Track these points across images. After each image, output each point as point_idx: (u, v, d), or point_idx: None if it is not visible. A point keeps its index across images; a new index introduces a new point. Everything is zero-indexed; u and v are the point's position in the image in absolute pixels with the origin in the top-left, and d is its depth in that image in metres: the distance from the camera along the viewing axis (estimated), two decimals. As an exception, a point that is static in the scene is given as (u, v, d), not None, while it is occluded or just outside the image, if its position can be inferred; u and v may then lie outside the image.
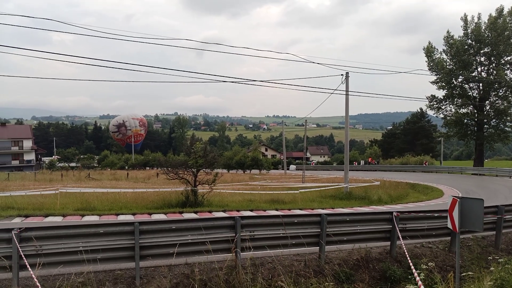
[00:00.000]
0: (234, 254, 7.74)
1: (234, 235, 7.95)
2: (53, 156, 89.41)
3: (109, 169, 66.84)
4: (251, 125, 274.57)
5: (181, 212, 16.28)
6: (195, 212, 16.27)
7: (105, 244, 7.20)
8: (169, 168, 19.35)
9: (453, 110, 50.65)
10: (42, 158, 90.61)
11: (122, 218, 14.76)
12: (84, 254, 6.92)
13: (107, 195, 19.26)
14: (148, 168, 69.31)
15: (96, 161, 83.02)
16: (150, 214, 15.75)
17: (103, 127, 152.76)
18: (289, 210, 17.56)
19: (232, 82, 18.92)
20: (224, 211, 16.68)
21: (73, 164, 77.47)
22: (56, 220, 14.14)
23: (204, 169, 19.22)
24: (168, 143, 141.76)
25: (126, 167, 69.73)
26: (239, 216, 8.17)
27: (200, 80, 61.73)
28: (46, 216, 14.74)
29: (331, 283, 6.88)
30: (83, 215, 15.03)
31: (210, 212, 16.45)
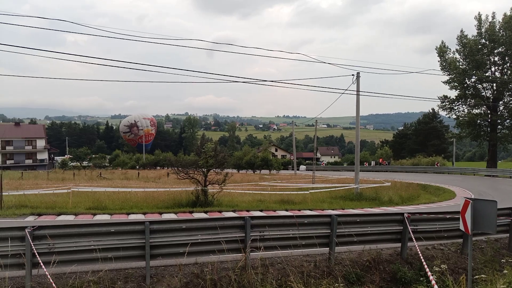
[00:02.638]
0: (244, 254, 7.74)
1: (244, 235, 7.96)
2: (66, 156, 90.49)
3: (120, 169, 67.40)
4: (261, 125, 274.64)
5: (191, 212, 16.35)
6: (205, 212, 16.32)
7: (116, 243, 7.26)
8: (180, 168, 19.44)
9: (465, 110, 50.08)
10: (55, 157, 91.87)
11: (133, 217, 14.88)
12: (96, 252, 6.99)
13: (118, 195, 19.42)
14: (158, 167, 69.72)
15: (107, 161, 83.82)
16: (160, 213, 15.84)
17: (114, 127, 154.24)
18: (299, 210, 17.51)
19: (243, 82, 18.95)
20: (234, 211, 16.70)
21: (85, 164, 78.32)
22: (68, 218, 14.31)
23: (214, 169, 19.27)
24: (178, 143, 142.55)
25: (137, 167, 70.25)
26: (249, 216, 8.17)
27: (211, 80, 61.91)
28: (59, 214, 14.92)
29: (341, 284, 6.84)
30: (94, 214, 15.18)
31: (220, 212, 16.49)
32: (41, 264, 6.46)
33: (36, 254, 6.63)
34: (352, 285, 7.88)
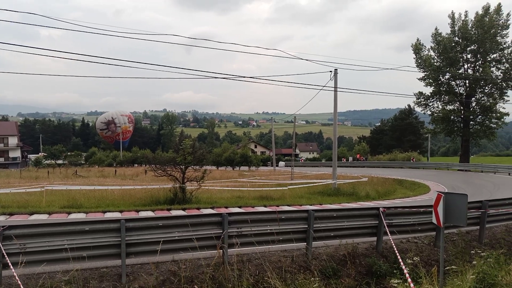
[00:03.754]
0: (221, 250, 7.73)
1: (221, 231, 7.94)
2: (39, 153, 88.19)
3: (96, 166, 66.23)
4: (240, 122, 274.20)
5: (169, 209, 16.21)
6: (183, 209, 16.21)
7: (91, 241, 7.13)
8: (157, 165, 19.24)
9: (440, 106, 51.35)
10: (28, 156, 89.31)
11: (109, 215, 14.63)
12: (69, 252, 6.84)
13: (94, 193, 19.08)
14: (136, 165, 68.83)
15: (83, 158, 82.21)
16: (137, 211, 15.64)
17: (91, 124, 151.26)
18: (278, 206, 17.60)
19: (222, 78, 18.88)
20: (212, 208, 16.64)
21: (60, 162, 76.55)
22: (42, 218, 13.96)
23: (192, 166, 19.14)
24: (156, 140, 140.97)
25: (114, 164, 69.16)
26: (226, 213, 8.16)
27: (189, 76, 61.41)
28: (31, 214, 14.54)
29: (317, 279, 6.92)
30: (69, 213, 14.87)
31: (198, 209, 16.40)
32: (10, 265, 6.29)
33: (6, 255, 6.44)
34: (328, 279, 7.98)
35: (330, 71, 24.20)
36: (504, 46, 46.84)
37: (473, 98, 49.33)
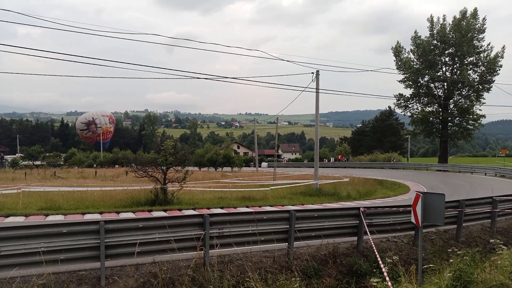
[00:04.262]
0: (202, 251, 7.69)
1: (203, 232, 7.90)
2: (17, 154, 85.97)
3: (76, 167, 64.98)
4: (223, 123, 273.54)
5: (150, 211, 16.03)
6: (165, 210, 16.06)
7: (69, 244, 6.99)
8: (138, 166, 19.02)
9: (419, 108, 52.29)
10: (5, 156, 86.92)
11: (88, 217, 14.38)
12: (46, 254, 6.69)
13: (73, 194, 18.71)
14: (117, 166, 67.81)
15: (62, 159, 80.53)
16: (118, 212, 15.41)
17: (70, 124, 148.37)
18: (260, 207, 17.61)
19: (204, 78, 18.79)
20: (194, 209, 16.54)
21: (38, 163, 74.80)
22: (18, 220, 13.60)
23: (174, 167, 18.99)
24: (138, 141, 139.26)
25: (95, 165, 68.01)
26: (208, 214, 8.12)
27: (172, 77, 60.98)
28: (7, 216, 14.15)
29: (298, 279, 6.94)
30: (47, 215, 14.53)
31: (180, 210, 16.27)
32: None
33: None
34: (310, 279, 8.02)
35: (312, 73, 24.40)
36: (481, 49, 48.05)
37: (451, 100, 50.43)
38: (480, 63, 48.20)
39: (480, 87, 48.13)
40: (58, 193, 18.74)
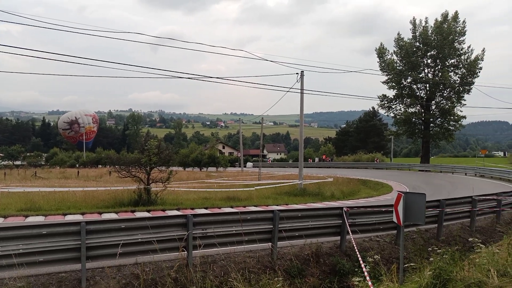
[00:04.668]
0: (185, 252, 7.65)
1: (186, 233, 7.86)
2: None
3: (58, 167, 63.89)
4: (208, 123, 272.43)
5: (133, 211, 15.87)
6: (148, 211, 15.92)
7: (49, 245, 6.87)
8: (122, 166, 18.82)
9: (402, 109, 52.96)
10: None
11: (70, 218, 14.15)
12: (25, 256, 6.56)
13: (55, 195, 18.40)
14: (100, 166, 66.95)
15: (44, 159, 79.11)
16: (100, 213, 15.20)
17: (52, 124, 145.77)
18: (244, 207, 17.60)
19: (188, 78, 18.69)
20: (178, 209, 16.43)
21: (18, 163, 73.29)
22: (-3, 221, 13.30)
23: (158, 167, 18.84)
24: (121, 141, 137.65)
25: (77, 165, 66.98)
26: (191, 214, 8.08)
27: (156, 76, 60.48)
28: (-14, 217, 13.82)
29: (281, 279, 6.97)
30: (26, 216, 14.23)
31: (163, 210, 16.15)
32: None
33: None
34: (293, 278, 8.05)
35: (297, 73, 24.50)
36: (461, 52, 48.98)
37: (433, 102, 51.27)
38: (461, 65, 49.12)
39: (461, 88, 49.06)
40: (39, 194, 18.41)
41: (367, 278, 5.41)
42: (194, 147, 70.92)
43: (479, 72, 48.16)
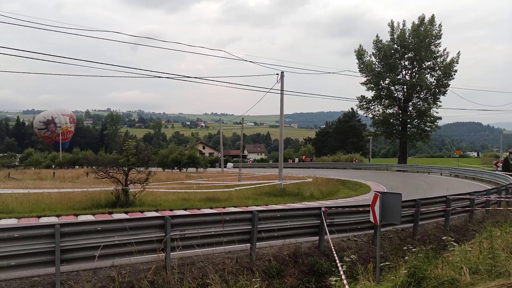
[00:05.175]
0: (163, 254, 7.57)
1: (164, 234, 7.78)
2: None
3: (33, 168, 62.25)
4: (188, 123, 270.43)
5: (110, 213, 15.60)
6: (126, 212, 15.68)
7: (21, 249, 6.68)
8: (99, 167, 18.50)
9: (380, 110, 53.79)
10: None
11: (44, 220, 13.80)
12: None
13: (29, 196, 17.93)
14: (77, 166, 65.61)
15: (18, 160, 76.97)
16: (76, 215, 14.89)
17: (27, 123, 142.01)
18: (224, 208, 17.55)
19: (167, 78, 18.51)
20: (156, 210, 16.26)
21: (-10, 163, 71.03)
22: (-33, 224, 12.86)
23: (137, 168, 18.60)
24: (99, 141, 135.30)
25: (53, 166, 65.43)
26: (169, 215, 8.01)
27: (135, 75, 59.75)
28: (-45, 220, 13.35)
29: (258, 279, 6.98)
30: (-1, 218, 13.82)
31: (142, 212, 15.95)
32: None
33: None
34: (272, 279, 8.07)
35: (277, 74, 24.60)
36: (437, 54, 50.14)
37: (410, 103, 52.32)
38: (437, 68, 50.28)
39: (437, 90, 50.22)
40: (12, 196, 17.91)
41: (343, 277, 5.48)
42: (173, 148, 70.21)
43: (454, 74, 49.43)
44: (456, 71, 49.28)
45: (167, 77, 18.80)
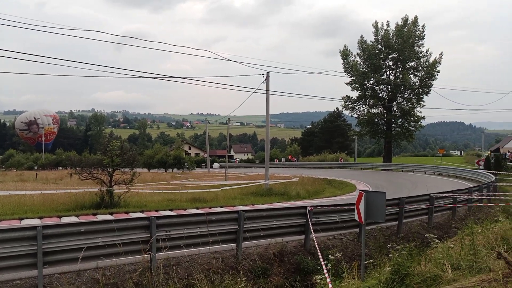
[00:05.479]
0: (148, 255, 7.51)
1: (149, 235, 7.72)
2: None
3: (15, 170, 61.08)
4: (174, 123, 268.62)
5: (95, 214, 15.41)
6: (111, 214, 15.50)
7: (3, 252, 6.57)
8: (83, 168, 18.26)
9: (365, 110, 54.42)
10: None
11: (26, 222, 13.53)
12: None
13: (10, 198, 17.60)
14: (60, 168, 64.59)
15: (-1, 161, 75.32)
16: (60, 217, 14.66)
17: (8, 124, 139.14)
18: (210, 208, 17.49)
19: (151, 78, 18.37)
20: (142, 211, 16.12)
21: (-29, 165, 69.43)
22: None
23: (121, 169, 18.40)
24: (83, 141, 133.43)
25: (36, 167, 64.27)
26: (154, 216, 7.95)
27: (120, 75, 59.24)
28: None
29: (244, 279, 6.98)
30: (-21, 221, 13.51)
31: (127, 213, 15.79)
32: None
33: None
34: (258, 278, 8.08)
35: (263, 74, 24.63)
36: (420, 55, 50.94)
37: (394, 103, 53.00)
38: (420, 68, 51.06)
39: (421, 90, 50.99)
40: (-7, 198, 17.52)
41: (326, 275, 5.53)
42: (159, 148, 69.61)
43: (437, 74, 50.29)
44: (439, 71, 50.15)
45: (152, 77, 18.70)
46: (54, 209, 16.00)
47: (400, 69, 51.92)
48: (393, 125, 53.74)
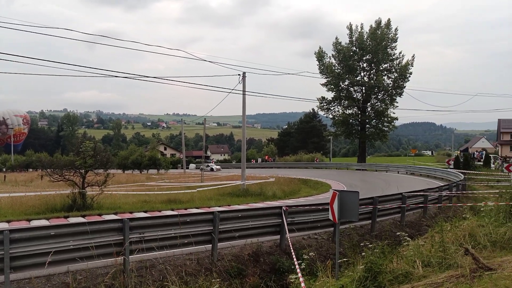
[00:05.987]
0: (121, 258, 7.38)
1: (122, 238, 7.58)
2: None
3: (-18, 172, 58.84)
4: (149, 123, 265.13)
5: (66, 217, 15.01)
6: (83, 216, 15.14)
7: (-35, 258, 6.30)
8: (54, 169, 17.76)
9: (340, 111, 55.18)
10: None
11: (-6, 226, 13.07)
12: None
13: (-24, 202, 16.91)
14: (31, 170, 62.68)
15: (-35, 163, 72.34)
16: (29, 220, 14.19)
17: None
18: (186, 209, 17.34)
19: (124, 77, 18.07)
20: (116, 213, 15.79)
21: None
22: None
23: (95, 170, 18.01)
24: (55, 142, 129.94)
25: (4, 169, 62.14)
26: (127, 218, 7.82)
27: (92, 75, 57.88)
28: None
29: (218, 279, 6.96)
30: None
31: (100, 215, 15.44)
32: None
33: None
34: (233, 279, 8.06)
35: (239, 75, 24.61)
36: (394, 57, 52.11)
37: (368, 104, 54.00)
38: (393, 70, 52.21)
39: (394, 91, 52.13)
40: (-42, 201, 16.82)
41: (299, 275, 5.58)
42: (134, 149, 68.60)
43: (410, 76, 51.55)
44: (411, 73, 51.42)
45: (125, 77, 18.39)
46: (23, 212, 15.51)
47: (374, 70, 52.91)
48: (367, 125, 54.71)
